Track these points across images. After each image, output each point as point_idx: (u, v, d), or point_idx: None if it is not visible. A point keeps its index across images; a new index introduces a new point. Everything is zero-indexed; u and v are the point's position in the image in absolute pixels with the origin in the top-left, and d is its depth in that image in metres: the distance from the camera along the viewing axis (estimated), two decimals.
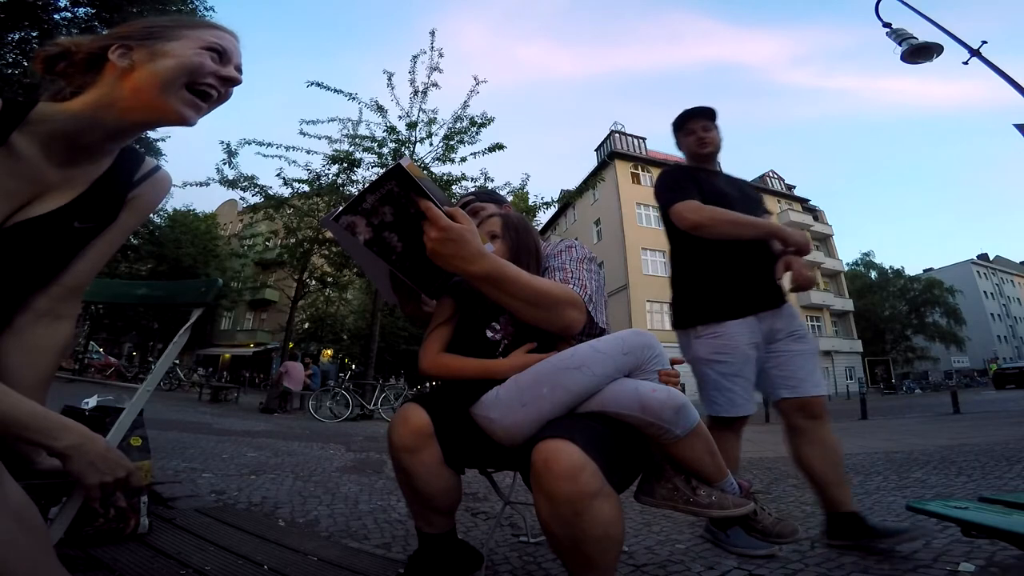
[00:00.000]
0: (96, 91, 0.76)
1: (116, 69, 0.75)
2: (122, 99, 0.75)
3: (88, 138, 0.78)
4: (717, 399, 1.69)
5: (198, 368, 22.18)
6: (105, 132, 0.78)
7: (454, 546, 1.16)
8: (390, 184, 0.88)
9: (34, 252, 0.77)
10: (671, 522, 1.98)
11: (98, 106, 0.75)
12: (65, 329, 0.85)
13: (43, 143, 0.74)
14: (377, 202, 0.90)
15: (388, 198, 0.90)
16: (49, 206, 0.76)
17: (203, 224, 26.96)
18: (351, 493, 2.46)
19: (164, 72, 0.75)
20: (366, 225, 0.92)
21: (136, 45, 0.76)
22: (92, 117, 0.76)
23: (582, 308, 1.06)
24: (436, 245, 0.89)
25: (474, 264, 0.91)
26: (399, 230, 0.94)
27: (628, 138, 28.87)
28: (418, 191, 0.89)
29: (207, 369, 23.63)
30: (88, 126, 0.76)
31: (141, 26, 0.79)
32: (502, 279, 0.94)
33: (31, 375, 0.79)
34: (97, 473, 0.70)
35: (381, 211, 0.91)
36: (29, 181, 0.74)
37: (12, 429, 0.65)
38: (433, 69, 9.83)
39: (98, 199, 0.82)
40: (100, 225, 0.84)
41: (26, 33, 9.29)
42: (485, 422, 1.00)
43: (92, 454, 0.70)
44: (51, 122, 0.74)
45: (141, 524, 1.50)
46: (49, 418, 0.68)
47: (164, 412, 6.52)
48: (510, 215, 1.22)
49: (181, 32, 0.79)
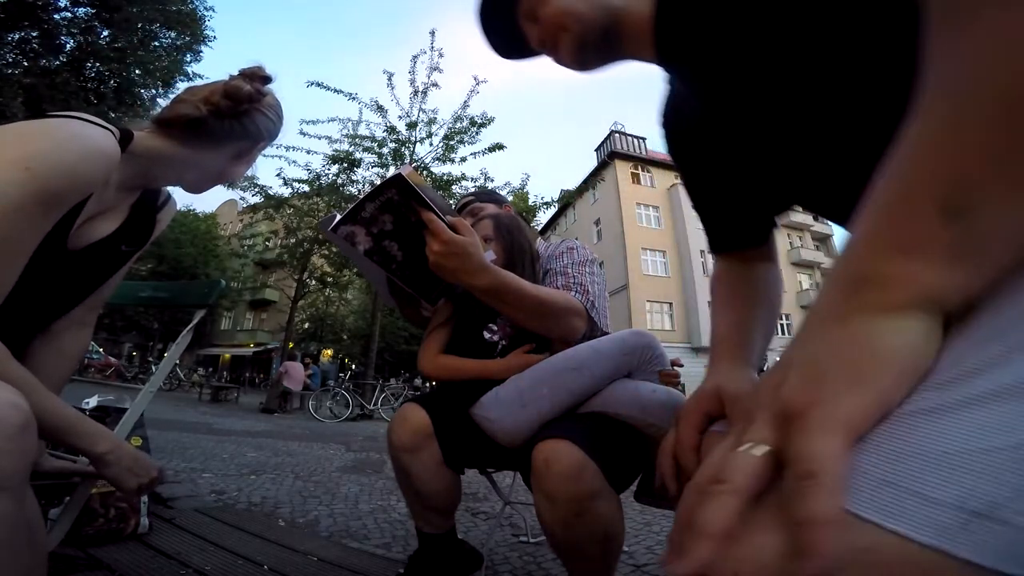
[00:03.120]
0: (210, 153, 0.85)
1: (244, 155, 0.88)
2: (212, 171, 0.87)
3: (164, 178, 0.86)
4: None
5: (198, 368, 22.18)
6: (175, 179, 0.87)
7: (454, 546, 1.16)
8: (390, 192, 0.86)
9: (93, 271, 0.84)
10: (671, 522, 1.97)
11: (198, 163, 0.85)
12: (88, 335, 0.92)
13: (129, 173, 0.79)
14: (377, 210, 0.88)
15: (388, 206, 0.88)
16: (106, 228, 0.82)
17: (203, 224, 26.98)
18: (351, 493, 2.46)
19: (236, 176, 0.92)
20: (366, 234, 0.90)
21: (263, 147, 0.91)
22: (183, 162, 0.84)
23: (583, 315, 1.06)
24: (439, 259, 0.87)
25: (477, 278, 0.90)
26: (399, 239, 0.92)
27: (628, 138, 28.86)
28: (419, 200, 0.87)
29: (207, 369, 23.63)
30: (172, 170, 0.85)
31: (278, 131, 0.92)
32: (505, 292, 0.94)
33: (56, 376, 0.84)
34: (135, 477, 0.73)
35: (381, 219, 0.89)
36: (101, 203, 0.79)
37: (58, 433, 0.67)
38: (433, 69, 9.84)
39: (137, 224, 0.88)
40: (138, 248, 0.91)
41: (26, 33, 9.29)
42: (485, 423, 1.00)
43: (127, 459, 0.73)
44: (148, 158, 0.80)
45: (141, 524, 1.50)
46: (87, 423, 0.71)
47: (164, 412, 6.52)
48: (501, 216, 1.22)
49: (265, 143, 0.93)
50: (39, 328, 0.83)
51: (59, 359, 0.85)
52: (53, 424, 0.66)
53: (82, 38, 9.71)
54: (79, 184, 0.66)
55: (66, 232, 0.71)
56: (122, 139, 0.76)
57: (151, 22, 10.08)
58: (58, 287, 0.78)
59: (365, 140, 9.99)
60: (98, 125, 0.70)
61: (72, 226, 0.71)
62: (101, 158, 0.68)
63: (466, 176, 10.08)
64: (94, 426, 0.71)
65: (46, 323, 0.83)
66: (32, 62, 9.34)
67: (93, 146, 0.67)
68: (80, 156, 0.65)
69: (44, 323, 0.83)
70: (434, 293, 1.06)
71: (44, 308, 0.81)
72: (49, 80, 9.14)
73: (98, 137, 0.69)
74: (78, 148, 0.65)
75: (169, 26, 10.35)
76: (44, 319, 0.83)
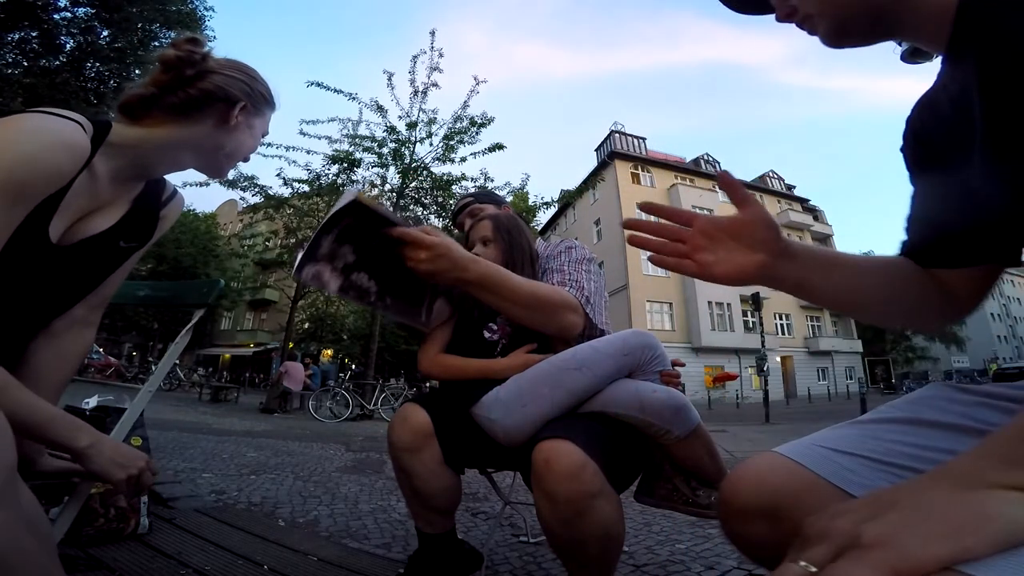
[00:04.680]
0: (188, 128, 0.82)
1: (218, 116, 0.83)
2: (207, 144, 0.83)
3: (160, 165, 0.84)
4: None
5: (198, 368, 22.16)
6: (173, 164, 0.85)
7: (454, 546, 1.16)
8: (345, 220, 0.81)
9: (89, 267, 0.82)
10: (671, 522, 1.98)
11: (184, 141, 0.82)
12: (91, 335, 0.90)
13: (117, 164, 0.78)
14: (334, 243, 0.83)
15: (345, 236, 0.83)
16: (102, 224, 0.81)
17: (203, 224, 26.98)
18: (351, 493, 2.46)
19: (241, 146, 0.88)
20: (331, 271, 0.84)
21: (252, 109, 0.86)
22: (177, 146, 0.82)
23: (579, 311, 1.06)
24: (430, 264, 0.86)
25: (468, 270, 0.91)
26: (367, 268, 0.88)
27: (628, 138, 28.87)
28: (380, 220, 0.84)
29: (207, 369, 23.61)
30: (169, 154, 0.83)
31: (260, 91, 0.89)
32: (496, 282, 0.95)
33: (56, 376, 0.84)
34: (122, 468, 0.72)
35: (340, 252, 0.84)
36: (92, 198, 0.78)
37: (36, 431, 0.67)
38: (433, 69, 9.83)
39: (138, 219, 0.87)
40: (140, 244, 0.90)
41: (26, 33, 9.29)
42: (486, 422, 1.00)
43: (109, 450, 0.72)
44: (136, 147, 0.79)
45: (141, 524, 1.50)
46: (67, 418, 0.70)
47: (164, 412, 6.52)
48: (500, 217, 1.22)
49: (266, 110, 0.91)
50: (38, 327, 0.82)
51: (60, 359, 0.84)
52: (31, 421, 0.65)
53: (82, 38, 9.71)
54: (43, 175, 0.66)
55: (45, 225, 0.70)
56: (99, 130, 0.75)
57: (151, 22, 10.08)
58: (50, 284, 0.77)
59: (365, 140, 9.98)
60: (64, 117, 0.70)
61: (50, 219, 0.71)
62: (64, 149, 0.68)
63: (466, 176, 10.09)
64: (73, 421, 0.70)
65: (44, 322, 0.83)
66: (32, 62, 9.35)
67: (56, 138, 0.67)
68: (42, 147, 0.65)
69: (42, 322, 0.82)
70: (422, 311, 1.01)
71: (40, 306, 0.80)
72: (49, 80, 9.14)
73: (62, 128, 0.69)
74: (40, 140, 0.66)
75: (169, 26, 10.33)
76: (42, 318, 0.82)
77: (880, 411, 0.57)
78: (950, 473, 0.33)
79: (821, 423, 0.68)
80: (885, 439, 0.52)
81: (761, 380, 13.00)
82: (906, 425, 0.53)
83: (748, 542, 0.53)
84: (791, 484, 0.50)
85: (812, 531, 0.32)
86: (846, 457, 0.51)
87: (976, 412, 0.51)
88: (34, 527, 0.61)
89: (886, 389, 26.41)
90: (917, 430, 0.52)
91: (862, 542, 0.29)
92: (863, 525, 0.30)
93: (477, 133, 9.83)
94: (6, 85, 8.87)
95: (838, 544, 0.30)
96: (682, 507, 0.97)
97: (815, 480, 0.49)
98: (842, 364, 29.09)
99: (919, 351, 35.82)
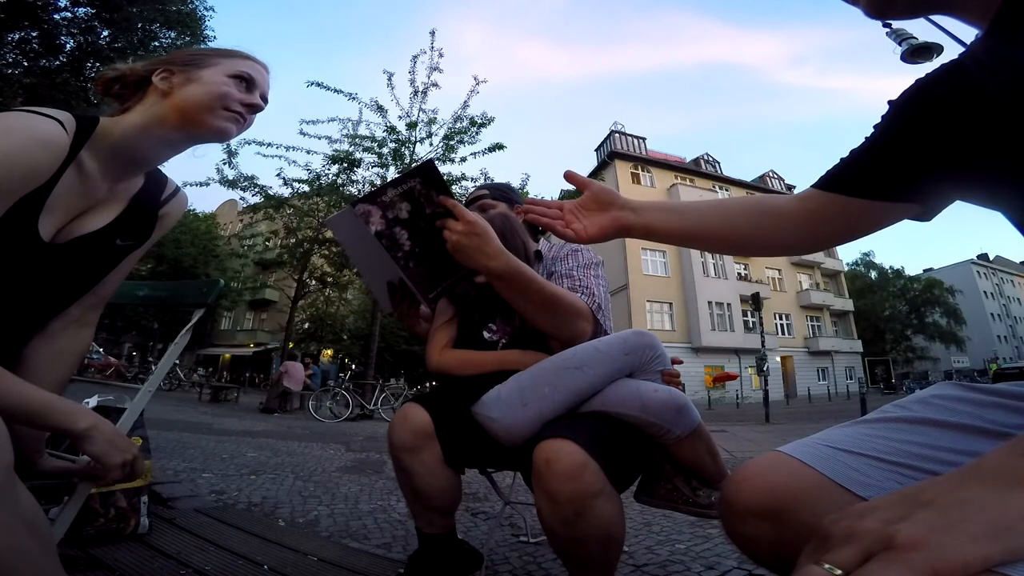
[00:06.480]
0: (142, 108, 0.82)
1: (157, 90, 0.82)
2: (167, 116, 0.82)
3: (144, 151, 0.83)
4: None
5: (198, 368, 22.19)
6: (158, 143, 0.84)
7: (454, 546, 1.16)
8: (414, 181, 0.89)
9: (83, 266, 0.82)
10: (671, 522, 1.98)
11: (148, 122, 0.81)
12: (89, 335, 0.90)
13: (104, 159, 0.78)
14: (397, 197, 0.90)
15: (408, 195, 0.90)
16: (98, 222, 0.81)
17: (203, 224, 26.98)
18: (351, 493, 2.46)
19: (194, 97, 0.83)
20: (380, 217, 0.91)
21: (177, 70, 0.83)
22: (144, 130, 0.81)
23: (590, 319, 1.06)
24: (461, 238, 0.90)
25: (495, 260, 0.92)
26: (411, 228, 0.94)
27: (628, 138, 28.86)
28: (442, 188, 0.91)
29: (207, 369, 23.63)
30: (142, 139, 0.82)
31: (185, 53, 0.87)
32: (520, 279, 0.95)
33: (54, 376, 0.83)
34: (119, 452, 0.72)
35: (398, 206, 0.91)
36: (85, 196, 0.78)
37: (36, 417, 0.67)
38: (433, 69, 9.85)
39: (136, 217, 0.87)
40: (138, 243, 0.89)
41: (26, 33, 9.29)
42: (487, 422, 1.00)
43: (108, 433, 0.72)
44: (112, 137, 0.79)
45: (141, 524, 1.50)
46: (65, 402, 0.70)
47: (164, 412, 6.52)
48: (493, 217, 1.22)
49: (215, 60, 0.87)
50: (34, 327, 0.82)
51: (58, 359, 0.84)
52: (28, 409, 0.65)
53: (82, 38, 9.71)
54: (19, 173, 0.66)
55: (33, 224, 0.70)
56: (86, 127, 0.75)
57: (151, 22, 10.08)
58: (44, 283, 0.77)
59: (365, 140, 9.99)
60: (44, 115, 0.70)
61: (37, 217, 0.70)
62: (39, 146, 0.68)
63: (466, 176, 10.12)
64: (71, 405, 0.70)
65: (40, 322, 0.82)
66: (32, 62, 9.35)
67: (29, 135, 0.68)
68: (16, 145, 0.66)
69: (38, 322, 0.82)
70: (435, 291, 1.05)
71: (35, 306, 0.79)
72: (49, 80, 9.15)
73: (37, 126, 0.69)
74: (14, 138, 0.66)
75: (169, 26, 10.34)
76: (37, 318, 0.82)
77: (886, 410, 0.56)
78: (985, 471, 0.32)
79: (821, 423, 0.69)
80: (893, 439, 0.51)
81: (761, 380, 13.00)
82: (914, 425, 0.53)
83: (750, 542, 0.53)
84: (796, 484, 0.50)
85: (835, 531, 0.31)
86: (852, 457, 0.50)
87: (987, 413, 0.51)
88: (34, 527, 0.61)
89: (886, 389, 26.41)
90: (926, 430, 0.52)
91: (896, 543, 0.27)
92: (895, 525, 0.29)
93: (477, 133, 9.85)
94: (6, 85, 8.88)
95: (867, 545, 0.28)
96: (682, 507, 0.96)
97: (820, 480, 0.49)
98: (842, 364, 29.09)
99: (919, 351, 35.82)
